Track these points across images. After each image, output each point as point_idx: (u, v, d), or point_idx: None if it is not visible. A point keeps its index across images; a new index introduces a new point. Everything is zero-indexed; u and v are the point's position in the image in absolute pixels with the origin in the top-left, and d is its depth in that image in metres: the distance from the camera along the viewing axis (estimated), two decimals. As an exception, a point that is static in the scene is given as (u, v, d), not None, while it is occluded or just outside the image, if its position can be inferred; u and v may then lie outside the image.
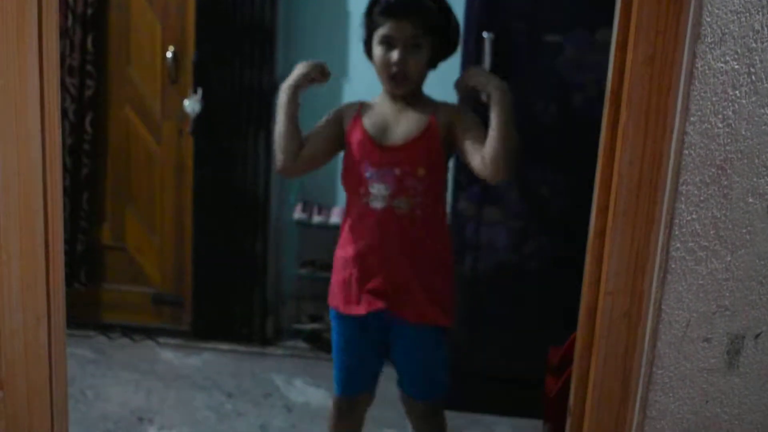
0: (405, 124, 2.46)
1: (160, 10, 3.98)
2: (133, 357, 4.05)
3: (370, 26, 2.47)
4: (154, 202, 4.19)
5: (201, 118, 3.94)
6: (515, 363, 3.53)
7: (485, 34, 3.28)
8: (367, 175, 2.44)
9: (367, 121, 2.48)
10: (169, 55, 3.98)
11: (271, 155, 4.02)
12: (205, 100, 3.92)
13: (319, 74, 2.51)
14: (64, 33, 3.94)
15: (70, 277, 4.21)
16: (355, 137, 2.47)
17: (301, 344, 4.21)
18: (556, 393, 2.16)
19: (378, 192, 2.43)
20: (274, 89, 3.97)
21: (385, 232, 2.46)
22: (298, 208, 4.16)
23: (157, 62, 4.04)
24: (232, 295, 4.19)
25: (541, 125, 3.36)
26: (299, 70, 2.51)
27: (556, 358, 2.28)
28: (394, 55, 2.40)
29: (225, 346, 4.16)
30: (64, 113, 4.01)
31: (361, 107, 2.53)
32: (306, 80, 2.50)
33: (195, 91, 3.92)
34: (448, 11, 2.50)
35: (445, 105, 2.53)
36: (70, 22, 3.93)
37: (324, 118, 2.58)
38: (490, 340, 3.56)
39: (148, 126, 4.11)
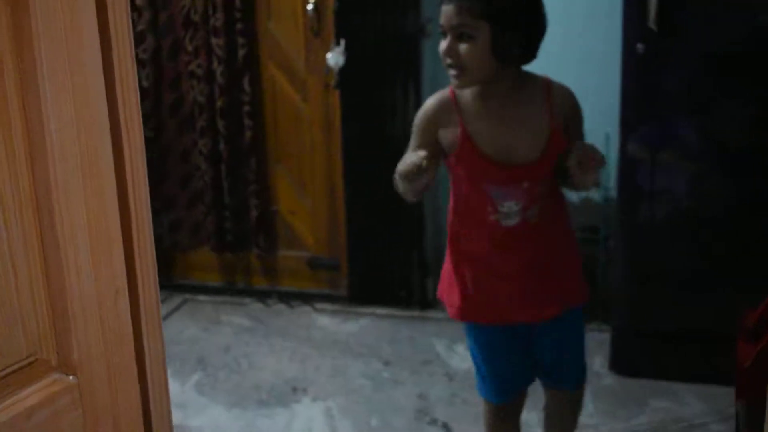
0: (525, 136, 2.16)
1: (297, -40, 3.77)
2: (289, 324, 3.90)
3: None
4: (304, 162, 4.01)
5: (345, 70, 3.71)
6: (703, 322, 3.14)
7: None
8: (493, 195, 2.18)
9: (479, 137, 2.16)
10: (309, 6, 3.76)
11: (420, 103, 3.77)
12: (349, 52, 3.68)
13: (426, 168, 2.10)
14: (205, -7, 3.80)
15: (248, 244, 4.10)
16: (468, 157, 2.17)
17: (464, 307, 3.95)
18: (751, 363, 1.80)
19: (509, 210, 2.18)
20: (420, 33, 3.70)
21: (517, 247, 2.25)
22: (453, 160, 3.87)
23: (299, 15, 3.83)
24: (389, 257, 3.97)
25: (720, 48, 2.93)
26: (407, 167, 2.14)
27: (752, 320, 1.90)
28: (442, 44, 2.10)
29: (383, 311, 3.95)
30: (211, 76, 3.88)
31: (461, 112, 2.18)
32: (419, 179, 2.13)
33: (338, 43, 3.69)
34: (523, 2, 2.12)
35: (556, 90, 2.19)
36: (210, -20, 3.79)
37: (417, 134, 2.27)
38: (672, 298, 3.18)
39: (293, 83, 3.92)
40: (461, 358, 3.49)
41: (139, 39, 3.90)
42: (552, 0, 2.26)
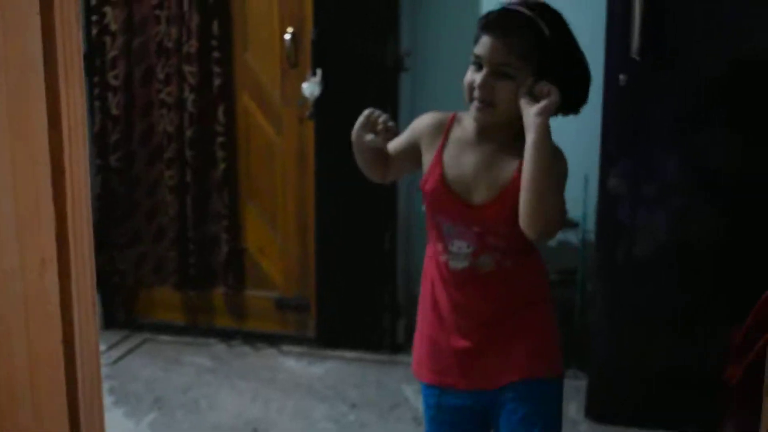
0: (489, 178, 1.99)
1: (277, -10, 3.69)
2: (253, 366, 3.73)
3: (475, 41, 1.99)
4: (276, 198, 3.88)
5: (321, 101, 3.61)
6: (683, 369, 3.00)
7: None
8: (444, 229, 2.02)
9: (450, 169, 2.02)
10: (287, 37, 3.67)
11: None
12: (326, 82, 3.59)
13: (378, 128, 2.03)
14: (179, 18, 3.70)
15: (212, 282, 3.95)
16: (432, 184, 2.03)
17: (436, 352, 3.79)
18: (740, 379, 1.67)
19: (458, 250, 2.01)
20: (399, 65, 3.62)
21: (470, 295, 2.03)
22: (429, 198, 3.75)
23: (275, 46, 3.74)
24: (359, 298, 3.82)
25: (706, 77, 2.86)
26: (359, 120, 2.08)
27: (738, 338, 1.79)
28: (477, 77, 1.92)
29: (351, 354, 3.78)
30: (182, 104, 3.77)
31: (447, 138, 2.04)
32: (364, 135, 2.06)
33: (314, 73, 3.60)
34: (568, 48, 1.95)
35: None
36: (185, 7, 3.69)
37: (406, 133, 2.13)
38: (651, 343, 3.05)
39: (268, 115, 3.81)
40: (432, 402, 3.33)
41: (111, 65, 3.80)
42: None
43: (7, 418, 1.14)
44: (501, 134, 1.98)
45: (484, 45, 1.91)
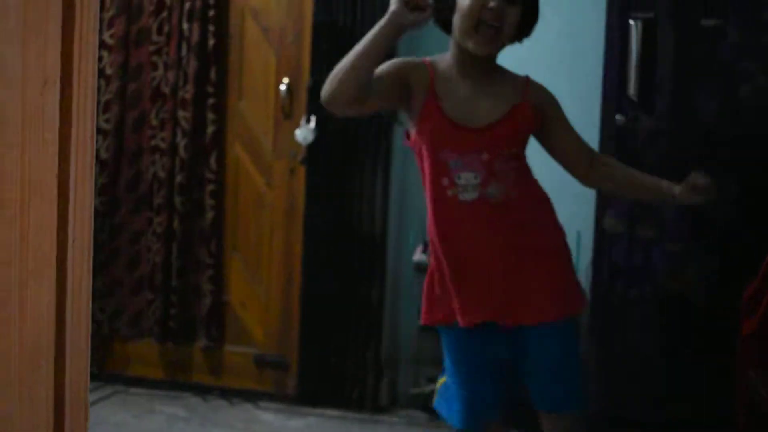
0: (489, 101, 2.13)
1: (276, 40, 3.73)
2: (228, 418, 3.57)
3: None
4: (262, 251, 3.81)
5: (314, 148, 3.60)
6: (680, 409, 2.89)
7: (632, 21, 2.88)
8: (451, 164, 2.09)
9: (445, 100, 2.12)
10: (282, 87, 3.69)
11: (388, 188, 3.64)
12: (319, 130, 3.59)
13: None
14: (176, 63, 3.73)
15: (193, 335, 3.82)
16: (431, 119, 2.12)
17: (420, 413, 3.65)
18: (755, 330, 1.61)
19: (466, 182, 2.08)
20: (392, 117, 3.63)
21: (481, 227, 2.12)
22: (419, 249, 3.67)
23: (270, 96, 3.76)
24: (342, 354, 3.70)
25: (703, 122, 2.88)
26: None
27: (750, 291, 1.74)
28: (491, 2, 2.04)
29: (332, 412, 3.63)
30: (174, 149, 3.74)
31: (434, 77, 2.14)
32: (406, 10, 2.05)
33: (308, 120, 3.61)
34: None
35: (534, 84, 2.21)
36: (183, 51, 3.72)
37: (386, 67, 2.15)
38: (645, 383, 2.95)
39: (259, 166, 3.79)
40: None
41: (104, 108, 3.79)
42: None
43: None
44: (483, 65, 2.14)
45: None
